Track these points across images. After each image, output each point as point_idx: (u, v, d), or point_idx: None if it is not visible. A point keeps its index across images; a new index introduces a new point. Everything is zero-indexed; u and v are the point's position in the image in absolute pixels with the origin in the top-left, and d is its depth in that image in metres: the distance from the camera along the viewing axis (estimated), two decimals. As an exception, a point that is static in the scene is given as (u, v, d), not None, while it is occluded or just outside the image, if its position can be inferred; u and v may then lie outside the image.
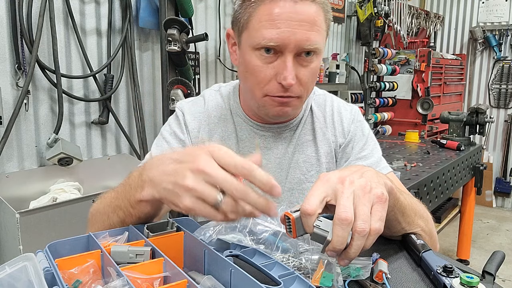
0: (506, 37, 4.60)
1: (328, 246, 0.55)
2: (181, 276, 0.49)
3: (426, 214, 0.82)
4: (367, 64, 3.69)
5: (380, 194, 0.58)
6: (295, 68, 0.82)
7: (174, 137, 0.99)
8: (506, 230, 4.04)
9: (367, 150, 1.00)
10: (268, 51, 0.82)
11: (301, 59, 0.83)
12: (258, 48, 0.82)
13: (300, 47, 0.80)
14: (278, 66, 0.82)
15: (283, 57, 0.81)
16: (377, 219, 0.57)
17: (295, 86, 0.84)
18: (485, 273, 0.64)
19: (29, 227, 1.53)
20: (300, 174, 0.99)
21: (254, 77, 0.85)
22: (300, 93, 0.86)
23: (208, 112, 1.01)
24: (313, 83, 0.90)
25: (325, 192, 0.58)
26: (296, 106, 0.90)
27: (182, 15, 2.24)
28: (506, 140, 4.66)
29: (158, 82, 2.45)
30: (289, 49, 0.80)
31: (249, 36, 0.84)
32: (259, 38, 0.81)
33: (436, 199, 2.27)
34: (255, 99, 0.89)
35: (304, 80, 0.85)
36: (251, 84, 0.87)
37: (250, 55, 0.84)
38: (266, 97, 0.86)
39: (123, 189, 0.68)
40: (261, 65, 0.83)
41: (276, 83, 0.83)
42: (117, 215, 0.68)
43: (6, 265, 0.49)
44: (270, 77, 0.83)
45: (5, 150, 1.82)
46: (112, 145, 2.32)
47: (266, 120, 0.97)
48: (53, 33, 1.88)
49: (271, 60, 0.83)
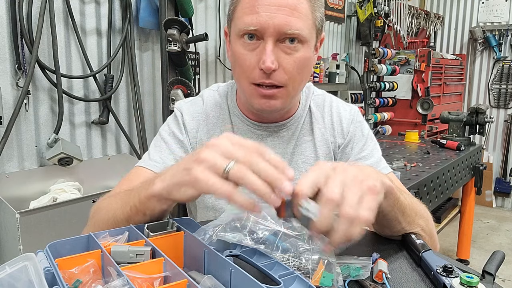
0: (506, 37, 4.60)
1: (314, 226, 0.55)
2: (181, 276, 0.49)
3: (426, 214, 0.82)
4: (367, 64, 3.70)
5: (371, 186, 0.58)
6: (276, 53, 0.81)
7: (172, 138, 0.98)
8: (506, 230, 4.04)
9: (366, 151, 1.00)
10: (251, 38, 0.82)
11: (284, 46, 0.82)
12: (241, 35, 0.83)
13: (280, 32, 0.80)
14: (259, 52, 0.82)
15: (263, 42, 0.81)
16: (367, 207, 0.56)
17: (278, 73, 0.82)
18: (485, 273, 0.64)
19: (29, 227, 1.53)
20: (299, 175, 0.99)
21: (239, 65, 0.85)
22: (285, 82, 0.84)
23: (207, 112, 1.00)
24: (302, 75, 0.87)
25: (317, 177, 0.58)
26: (283, 99, 0.87)
27: (182, 15, 2.24)
28: (506, 140, 4.67)
29: (158, 82, 2.45)
30: (268, 33, 0.80)
31: (235, 25, 0.85)
32: (241, 25, 0.82)
33: (436, 199, 2.27)
34: (242, 90, 0.89)
35: (288, 68, 0.83)
36: (238, 73, 0.87)
37: (236, 44, 0.85)
38: (251, 86, 0.85)
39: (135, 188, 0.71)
40: (245, 53, 0.83)
41: (258, 70, 0.82)
42: (123, 211, 0.69)
43: (7, 265, 0.49)
44: (254, 64, 0.83)
45: (5, 150, 1.82)
46: (112, 145, 2.32)
47: (262, 118, 0.96)
48: (53, 33, 1.88)
49: (254, 47, 0.83)
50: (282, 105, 0.88)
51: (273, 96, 0.85)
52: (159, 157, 0.95)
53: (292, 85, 0.86)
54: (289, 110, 0.98)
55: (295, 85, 0.87)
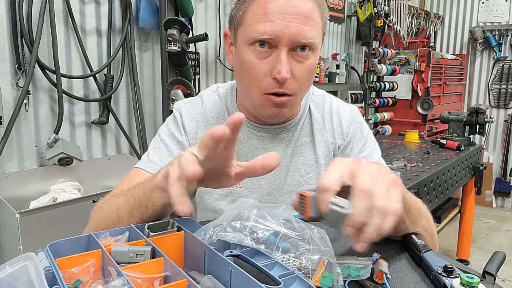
0: (506, 37, 4.60)
1: (348, 220, 0.53)
2: (181, 276, 0.49)
3: (427, 214, 0.82)
4: (367, 64, 3.70)
5: (395, 178, 0.57)
6: (290, 62, 0.81)
7: (172, 139, 0.98)
8: (506, 230, 4.04)
9: (366, 151, 1.00)
10: (262, 45, 0.81)
11: (296, 54, 0.82)
12: (252, 42, 0.82)
13: (294, 41, 0.80)
14: (272, 60, 0.81)
15: (277, 51, 0.81)
16: (396, 199, 0.54)
17: (290, 82, 0.82)
18: (485, 273, 0.64)
19: (29, 227, 1.53)
20: (299, 177, 0.99)
21: (249, 74, 0.84)
22: (295, 91, 0.84)
23: (206, 113, 1.00)
24: (309, 81, 0.88)
25: (341, 172, 0.56)
26: (292, 106, 0.88)
27: (182, 15, 2.24)
28: (506, 140, 4.66)
29: (158, 82, 2.45)
30: (283, 42, 0.79)
31: (244, 32, 0.84)
32: (253, 32, 0.81)
33: (436, 199, 2.27)
34: (252, 98, 0.88)
35: (299, 76, 0.83)
36: (247, 81, 0.86)
37: (245, 51, 0.83)
38: (262, 96, 0.85)
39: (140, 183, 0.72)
40: (256, 61, 0.82)
41: (271, 79, 0.82)
42: (128, 203, 0.70)
43: (7, 264, 0.49)
44: (265, 72, 0.82)
45: (5, 150, 1.82)
46: (112, 145, 2.32)
47: (263, 121, 0.96)
48: (53, 33, 1.88)
49: (265, 55, 0.82)
50: (290, 112, 0.90)
51: (284, 104, 0.85)
52: (158, 159, 0.95)
53: (300, 93, 0.87)
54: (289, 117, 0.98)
55: (303, 92, 0.88)
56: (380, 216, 0.52)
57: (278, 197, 0.99)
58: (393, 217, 0.53)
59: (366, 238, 0.53)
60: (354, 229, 0.53)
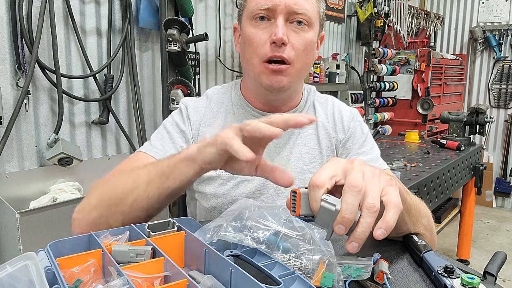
0: (506, 37, 4.60)
1: (337, 218, 0.52)
2: (181, 276, 0.49)
3: (427, 212, 0.83)
4: (367, 64, 3.69)
5: (389, 179, 0.57)
6: (286, 30, 0.88)
7: (175, 127, 1.00)
8: (506, 230, 4.04)
9: (367, 147, 1.04)
10: (262, 19, 0.89)
11: (292, 25, 0.89)
12: (252, 16, 0.90)
13: (289, 10, 0.87)
14: (270, 28, 0.89)
15: (274, 20, 0.89)
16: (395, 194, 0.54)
17: (287, 48, 0.88)
18: (486, 273, 0.64)
19: (29, 227, 1.53)
20: (303, 164, 1.01)
21: (250, 44, 0.91)
22: (293, 58, 0.89)
23: (211, 108, 1.03)
24: (307, 55, 0.92)
25: (334, 170, 0.56)
26: (290, 76, 0.91)
27: (182, 15, 2.24)
28: (506, 140, 4.67)
29: (158, 82, 2.45)
30: (279, 10, 0.87)
31: (247, 10, 0.92)
32: (253, 5, 0.90)
33: (436, 199, 2.27)
34: (253, 69, 0.92)
35: (296, 45, 0.89)
36: (249, 54, 0.92)
37: (248, 27, 0.92)
38: (261, 64, 0.90)
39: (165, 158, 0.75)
40: (256, 31, 0.90)
41: (269, 45, 0.88)
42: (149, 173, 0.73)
43: (7, 264, 0.49)
44: (265, 40, 0.89)
45: (5, 150, 1.82)
46: (112, 145, 2.32)
47: (268, 108, 1.00)
48: (53, 33, 1.88)
49: (265, 26, 0.90)
50: (288, 83, 0.92)
51: (281, 71, 0.90)
52: (160, 144, 0.97)
53: (298, 64, 0.91)
54: (292, 101, 1.02)
55: (300, 64, 0.92)
56: (371, 215, 0.51)
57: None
58: (396, 209, 0.53)
59: (356, 238, 0.52)
60: (344, 227, 0.52)
